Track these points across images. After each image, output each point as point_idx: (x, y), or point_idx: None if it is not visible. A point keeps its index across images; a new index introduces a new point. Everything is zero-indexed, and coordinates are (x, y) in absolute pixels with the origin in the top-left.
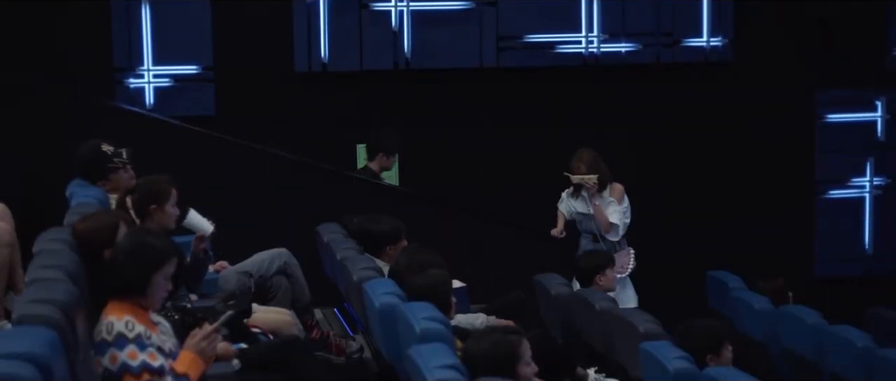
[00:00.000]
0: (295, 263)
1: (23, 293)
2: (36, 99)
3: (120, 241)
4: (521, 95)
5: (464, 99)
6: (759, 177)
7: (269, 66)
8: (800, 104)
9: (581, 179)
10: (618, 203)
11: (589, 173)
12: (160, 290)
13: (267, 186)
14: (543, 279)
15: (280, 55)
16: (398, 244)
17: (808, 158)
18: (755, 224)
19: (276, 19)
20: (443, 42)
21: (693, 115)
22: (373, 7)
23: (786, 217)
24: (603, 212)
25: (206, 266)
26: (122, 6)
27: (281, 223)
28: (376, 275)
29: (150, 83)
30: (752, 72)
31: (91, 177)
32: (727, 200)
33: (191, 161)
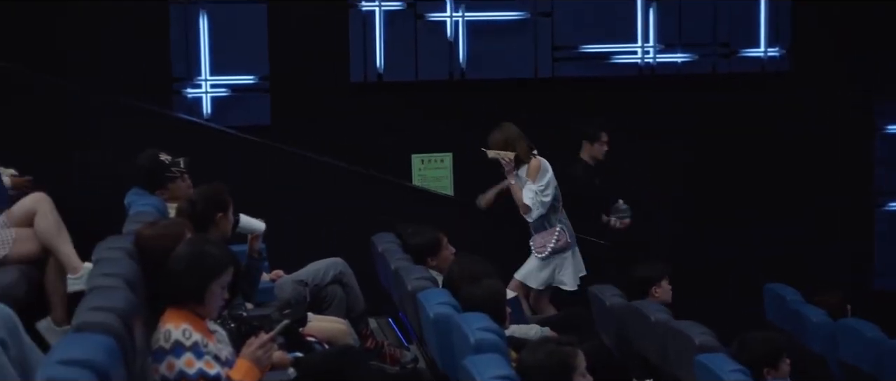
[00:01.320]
0: (350, 272)
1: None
2: (95, 108)
3: (178, 249)
4: (576, 106)
5: (518, 109)
6: (817, 189)
7: (325, 76)
8: (858, 115)
9: (496, 154)
10: (533, 182)
11: (505, 150)
12: (217, 299)
13: (322, 195)
14: (598, 291)
15: (335, 65)
16: (439, 254)
17: (867, 169)
18: (814, 237)
19: (332, 30)
20: (498, 52)
21: (749, 125)
22: (428, 17)
23: (845, 229)
24: (518, 192)
25: (261, 270)
26: (180, 17)
27: (336, 233)
28: (430, 285)
29: (208, 93)
30: (810, 82)
31: (149, 186)
32: (785, 212)
33: (247, 170)
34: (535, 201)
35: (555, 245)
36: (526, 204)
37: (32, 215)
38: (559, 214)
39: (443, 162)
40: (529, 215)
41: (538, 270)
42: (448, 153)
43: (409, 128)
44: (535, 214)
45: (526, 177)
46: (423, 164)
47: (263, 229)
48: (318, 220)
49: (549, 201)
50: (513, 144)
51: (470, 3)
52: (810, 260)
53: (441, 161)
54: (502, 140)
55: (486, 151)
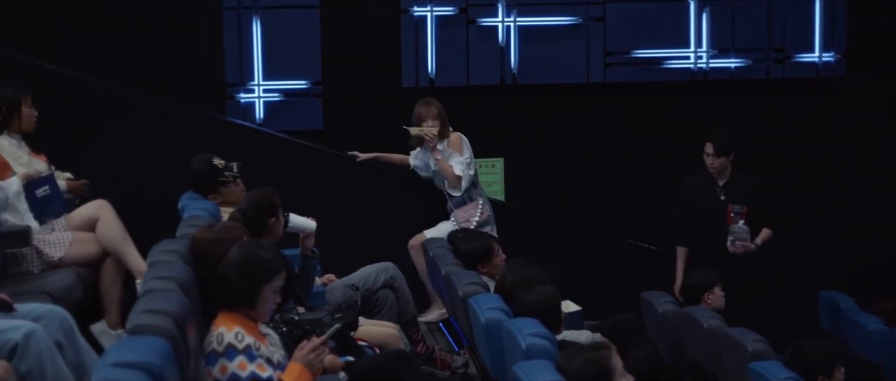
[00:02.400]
0: (401, 277)
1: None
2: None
3: (230, 254)
4: (628, 111)
5: (570, 114)
6: (872, 195)
7: (377, 81)
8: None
9: (419, 131)
10: (459, 154)
11: (436, 123)
12: (269, 302)
13: (374, 199)
14: (651, 297)
15: (387, 70)
16: (491, 261)
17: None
18: (868, 244)
19: (384, 35)
20: (550, 57)
21: (804, 131)
22: (480, 22)
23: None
24: (447, 165)
25: (315, 269)
26: (234, 23)
27: (388, 237)
28: (482, 290)
29: (261, 98)
30: (865, 88)
31: (202, 190)
32: (838, 218)
33: (299, 175)
34: (465, 173)
35: (479, 218)
36: (457, 175)
37: (94, 221)
38: (478, 188)
39: (494, 167)
40: (458, 187)
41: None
42: (499, 158)
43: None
44: (464, 185)
45: (450, 150)
46: None
47: (314, 227)
48: (370, 224)
49: (472, 175)
50: (440, 118)
51: (522, 8)
52: (865, 267)
53: (492, 166)
54: (437, 114)
55: (409, 128)
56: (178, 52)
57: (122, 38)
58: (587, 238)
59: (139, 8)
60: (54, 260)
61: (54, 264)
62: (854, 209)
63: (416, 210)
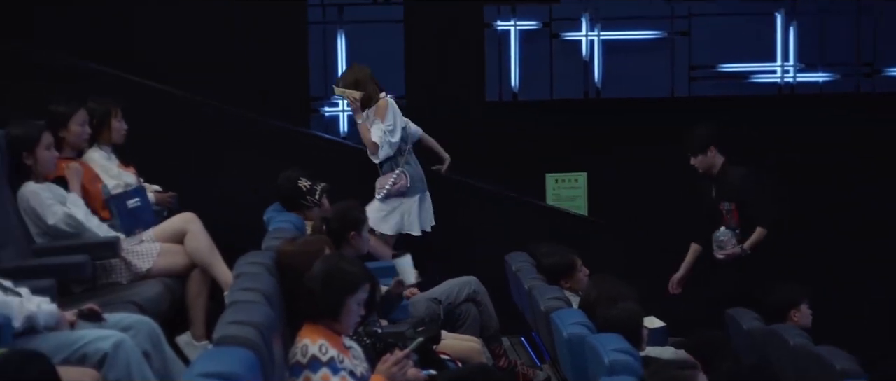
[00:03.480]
0: (484, 291)
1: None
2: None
3: (315, 266)
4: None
5: (655, 129)
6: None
7: (460, 94)
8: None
9: (342, 92)
10: (381, 121)
11: (354, 89)
12: (353, 315)
13: (456, 214)
14: (736, 314)
15: (471, 84)
16: (573, 276)
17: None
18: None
19: (468, 49)
20: (634, 71)
21: (892, 146)
22: (564, 37)
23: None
24: (367, 131)
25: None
26: (319, 37)
27: (470, 251)
28: (564, 305)
29: (345, 112)
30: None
31: (286, 205)
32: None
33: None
34: (382, 140)
35: (390, 187)
36: (374, 142)
37: (182, 234)
38: (405, 157)
39: (577, 182)
40: (376, 155)
41: (381, 213)
42: (582, 173)
43: (544, 147)
44: (382, 153)
45: (374, 116)
46: (557, 183)
47: (413, 282)
48: (452, 238)
49: (396, 143)
50: (362, 85)
51: (606, 22)
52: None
53: (575, 181)
54: (353, 80)
55: (335, 88)
56: (265, 66)
57: (208, 51)
58: (672, 254)
59: (226, 22)
60: (142, 271)
61: (142, 276)
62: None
63: (498, 223)
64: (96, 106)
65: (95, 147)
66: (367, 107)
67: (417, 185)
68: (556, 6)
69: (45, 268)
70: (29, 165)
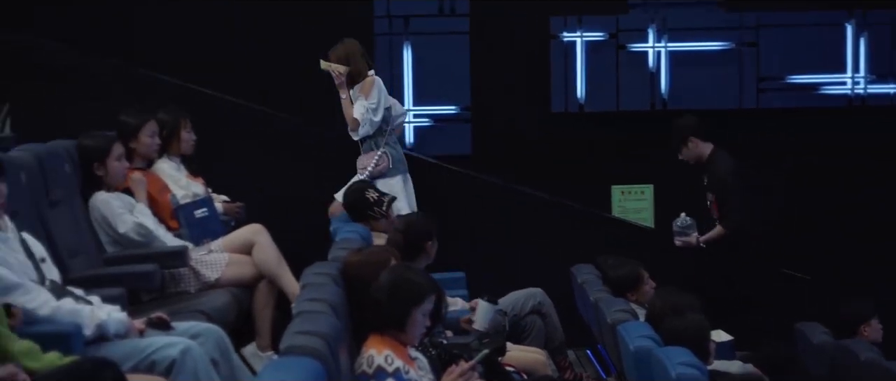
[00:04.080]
0: (549, 302)
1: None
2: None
3: (381, 277)
4: (783, 138)
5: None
6: None
7: (526, 106)
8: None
9: (328, 66)
10: (365, 98)
11: (346, 64)
12: (419, 326)
13: (522, 225)
14: (805, 328)
15: (537, 96)
16: (640, 288)
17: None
18: None
19: (534, 60)
20: (701, 83)
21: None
22: (630, 48)
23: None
24: (349, 107)
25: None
26: (385, 49)
27: (535, 263)
28: (631, 318)
29: (410, 123)
30: None
31: (354, 218)
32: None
33: (448, 199)
34: (364, 117)
35: (373, 168)
36: (355, 118)
37: (250, 244)
38: (387, 137)
39: (643, 194)
40: (357, 132)
41: None
42: (649, 185)
43: (610, 159)
44: (362, 131)
45: (359, 93)
46: (623, 195)
47: (483, 330)
48: (518, 249)
49: (378, 122)
50: (351, 60)
51: (673, 33)
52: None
53: (642, 193)
54: (344, 54)
55: (321, 62)
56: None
57: (276, 63)
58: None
59: (293, 34)
60: (211, 281)
61: (210, 285)
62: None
63: (564, 235)
64: (165, 117)
65: (165, 158)
66: (354, 83)
67: (398, 166)
68: (623, 17)
69: (115, 277)
70: (100, 176)
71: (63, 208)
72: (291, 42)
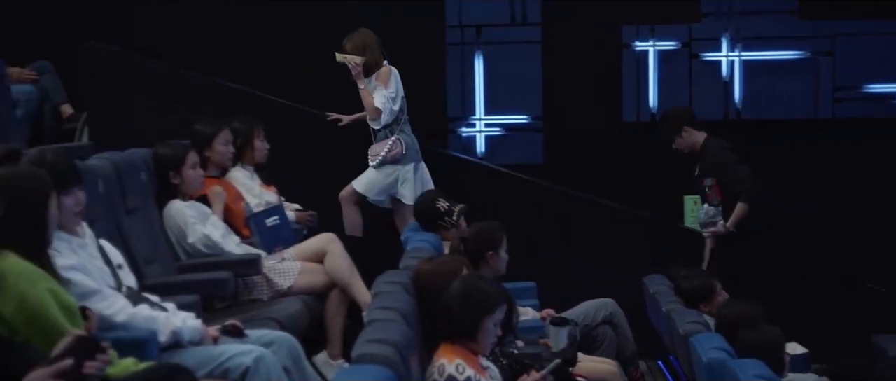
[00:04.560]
0: (620, 313)
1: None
2: None
3: (452, 286)
4: (859, 148)
5: (797, 151)
6: None
7: (598, 115)
8: None
9: (343, 58)
10: (384, 87)
11: (357, 54)
12: (490, 335)
13: (594, 234)
14: (882, 340)
15: (609, 105)
16: (712, 300)
17: None
18: None
19: (606, 69)
20: (776, 92)
21: None
22: (703, 57)
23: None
24: (369, 96)
25: None
26: (457, 58)
27: (607, 272)
28: (703, 329)
29: (482, 132)
30: None
31: (424, 227)
32: None
33: (519, 208)
34: (385, 106)
35: (385, 155)
36: (377, 107)
37: (322, 253)
38: (400, 125)
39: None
40: (378, 121)
41: (377, 179)
42: None
43: (682, 168)
44: (384, 118)
45: (377, 82)
46: (695, 205)
47: (556, 352)
48: (589, 259)
49: (396, 110)
50: (367, 49)
51: (747, 42)
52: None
53: None
54: (361, 44)
55: (336, 54)
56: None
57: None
58: (814, 278)
59: None
60: (283, 289)
61: (283, 293)
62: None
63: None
64: (239, 126)
65: (238, 166)
66: (371, 73)
67: (412, 153)
68: (696, 26)
69: (189, 284)
70: (176, 185)
71: (139, 215)
72: None
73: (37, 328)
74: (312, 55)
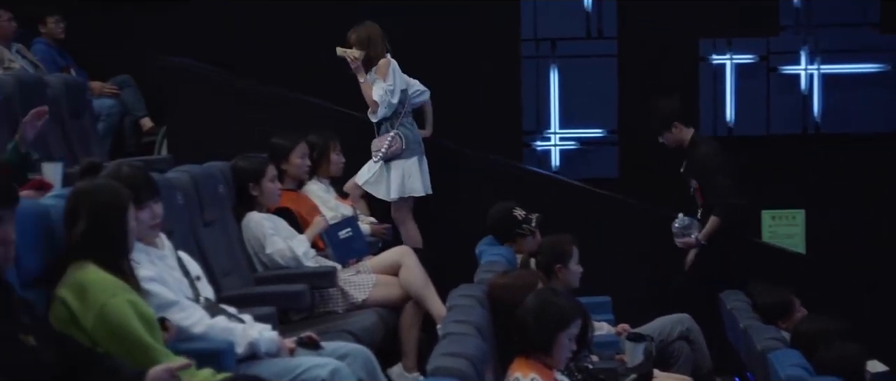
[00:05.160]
0: (697, 329)
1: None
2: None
3: (527, 300)
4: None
5: (878, 165)
6: None
7: None
8: None
9: (343, 52)
10: (382, 80)
11: (361, 47)
12: (565, 350)
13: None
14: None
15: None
16: (791, 316)
17: None
18: None
19: (683, 83)
20: (856, 106)
21: None
22: (781, 71)
23: None
24: (368, 89)
25: None
26: (532, 72)
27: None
28: (781, 346)
29: (557, 146)
30: None
31: (500, 237)
32: None
33: (595, 222)
34: (382, 99)
35: (386, 150)
36: (374, 99)
37: (397, 266)
38: (400, 119)
39: (795, 219)
40: (375, 113)
41: (381, 176)
42: (800, 210)
43: (760, 183)
44: (381, 112)
45: (375, 75)
46: (773, 220)
47: (632, 367)
48: (666, 274)
49: (395, 104)
50: (371, 42)
51: (826, 55)
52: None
53: (793, 218)
54: (366, 36)
55: (337, 48)
56: (478, 101)
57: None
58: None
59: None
60: (358, 301)
61: (358, 306)
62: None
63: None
64: (316, 139)
65: (314, 179)
66: (371, 66)
67: (413, 147)
68: (774, 39)
69: (265, 296)
70: (254, 197)
71: (217, 227)
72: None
73: (117, 338)
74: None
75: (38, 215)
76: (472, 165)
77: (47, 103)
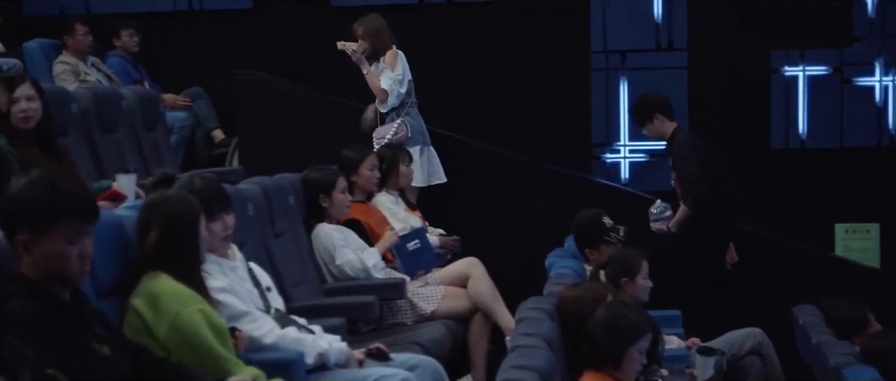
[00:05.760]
0: (768, 343)
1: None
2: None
3: (597, 313)
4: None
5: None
6: None
7: (745, 141)
8: None
9: (343, 46)
10: (391, 70)
11: (367, 38)
12: (635, 363)
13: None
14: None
15: (756, 131)
16: (865, 332)
17: None
18: None
19: (754, 94)
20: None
21: None
22: (856, 83)
23: None
24: (375, 79)
25: None
26: (602, 83)
27: (754, 302)
28: (855, 361)
29: (626, 158)
30: None
31: (582, 242)
32: None
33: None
34: (392, 88)
35: (391, 137)
36: (382, 88)
37: (465, 278)
38: (407, 109)
39: (869, 233)
40: (384, 102)
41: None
42: (874, 224)
43: (833, 196)
44: (391, 101)
45: (384, 65)
46: (847, 234)
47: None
48: (736, 288)
49: (403, 94)
50: (378, 33)
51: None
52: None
53: (867, 232)
54: (371, 28)
55: (337, 43)
56: (548, 113)
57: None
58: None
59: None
60: (427, 313)
61: (426, 317)
62: None
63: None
64: (385, 152)
65: (384, 191)
66: (378, 57)
67: (418, 137)
68: (848, 51)
69: (335, 307)
70: (325, 208)
71: (287, 238)
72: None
73: (189, 347)
74: (459, 83)
75: (112, 226)
76: (542, 177)
77: (122, 116)
